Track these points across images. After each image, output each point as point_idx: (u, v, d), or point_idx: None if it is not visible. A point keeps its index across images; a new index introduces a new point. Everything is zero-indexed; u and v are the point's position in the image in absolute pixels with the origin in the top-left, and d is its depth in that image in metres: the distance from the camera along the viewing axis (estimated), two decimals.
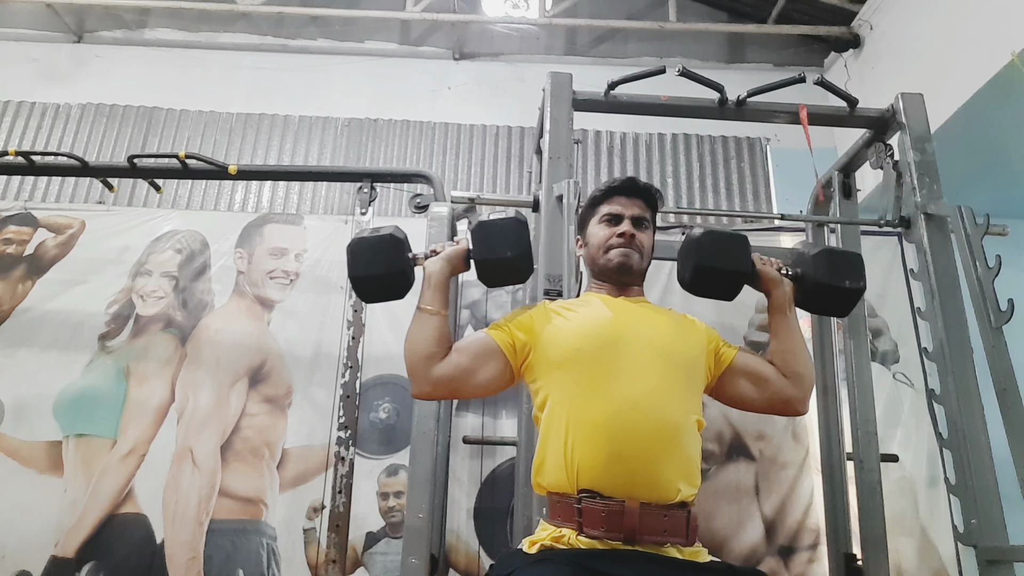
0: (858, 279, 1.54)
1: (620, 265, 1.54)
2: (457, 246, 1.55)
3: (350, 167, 4.03)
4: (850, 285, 1.53)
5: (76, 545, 2.95)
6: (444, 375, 1.43)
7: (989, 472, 1.99)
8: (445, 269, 1.51)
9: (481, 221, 1.56)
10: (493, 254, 1.52)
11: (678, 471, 1.34)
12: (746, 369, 1.52)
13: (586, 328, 1.46)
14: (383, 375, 3.27)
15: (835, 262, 1.55)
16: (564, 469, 1.34)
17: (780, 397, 1.51)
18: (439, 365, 1.43)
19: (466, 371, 1.44)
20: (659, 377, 1.39)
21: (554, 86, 2.38)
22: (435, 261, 1.52)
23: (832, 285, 1.53)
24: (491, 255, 1.52)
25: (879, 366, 3.24)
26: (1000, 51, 3.08)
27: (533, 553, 1.32)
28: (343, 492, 2.34)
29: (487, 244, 1.52)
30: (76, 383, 3.21)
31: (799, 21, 4.69)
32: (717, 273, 1.55)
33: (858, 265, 1.56)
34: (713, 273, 1.55)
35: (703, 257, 1.54)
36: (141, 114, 4.46)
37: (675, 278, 1.68)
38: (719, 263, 1.54)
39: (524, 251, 1.52)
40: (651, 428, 1.33)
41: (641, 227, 1.58)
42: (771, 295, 1.56)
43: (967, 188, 3.42)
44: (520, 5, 4.87)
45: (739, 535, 3.03)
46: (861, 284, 1.54)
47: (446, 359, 1.44)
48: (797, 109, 2.48)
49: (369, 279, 1.53)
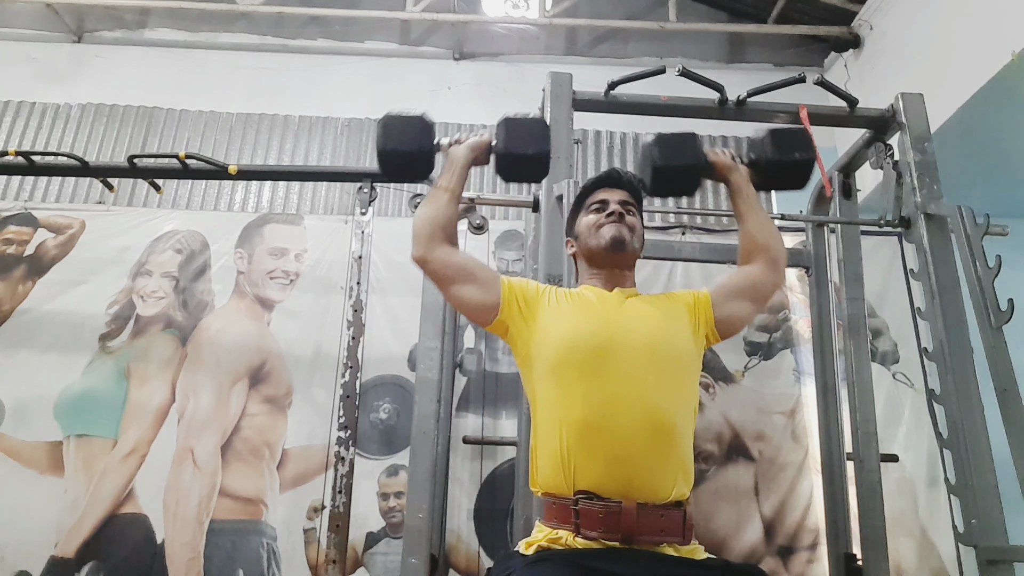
0: (807, 150, 1.66)
1: (613, 239, 1.54)
2: (481, 137, 1.64)
3: (350, 167, 4.02)
4: (800, 156, 1.66)
5: (76, 545, 2.95)
6: (440, 257, 1.53)
7: (989, 472, 1.99)
8: (468, 156, 1.62)
9: (508, 117, 1.66)
10: (516, 148, 1.62)
11: (674, 471, 1.34)
12: (726, 295, 1.57)
13: (579, 327, 1.45)
14: (383, 375, 3.27)
15: (782, 138, 1.67)
16: (561, 471, 1.34)
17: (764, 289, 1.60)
18: (442, 245, 1.54)
19: (459, 271, 1.53)
20: (653, 376, 1.39)
21: (554, 86, 2.38)
22: (459, 148, 1.62)
23: (784, 160, 1.66)
24: (513, 149, 1.62)
25: (879, 366, 3.25)
26: (1000, 51, 3.07)
27: (530, 555, 1.32)
28: (343, 492, 2.34)
29: (510, 138, 1.62)
30: (77, 383, 3.22)
31: (799, 21, 4.69)
32: (673, 170, 1.65)
33: (805, 138, 1.69)
34: (669, 171, 1.65)
35: (657, 158, 1.64)
36: (141, 114, 4.45)
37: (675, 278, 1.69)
38: (673, 160, 1.65)
39: (544, 151, 1.63)
40: (647, 429, 1.33)
41: (628, 211, 1.58)
42: (728, 181, 1.66)
43: (967, 188, 3.41)
44: (520, 5, 4.86)
45: (739, 535, 3.03)
46: (811, 154, 1.67)
47: (451, 248, 1.55)
48: (797, 109, 2.48)
49: (396, 154, 1.63)
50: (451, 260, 1.54)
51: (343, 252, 3.29)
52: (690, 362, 1.48)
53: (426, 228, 1.54)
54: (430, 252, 1.53)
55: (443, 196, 1.57)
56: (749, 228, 1.62)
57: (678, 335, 1.48)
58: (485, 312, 1.52)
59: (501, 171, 1.68)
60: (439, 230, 1.54)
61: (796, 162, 1.66)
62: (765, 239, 1.61)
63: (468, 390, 3.27)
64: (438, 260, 1.53)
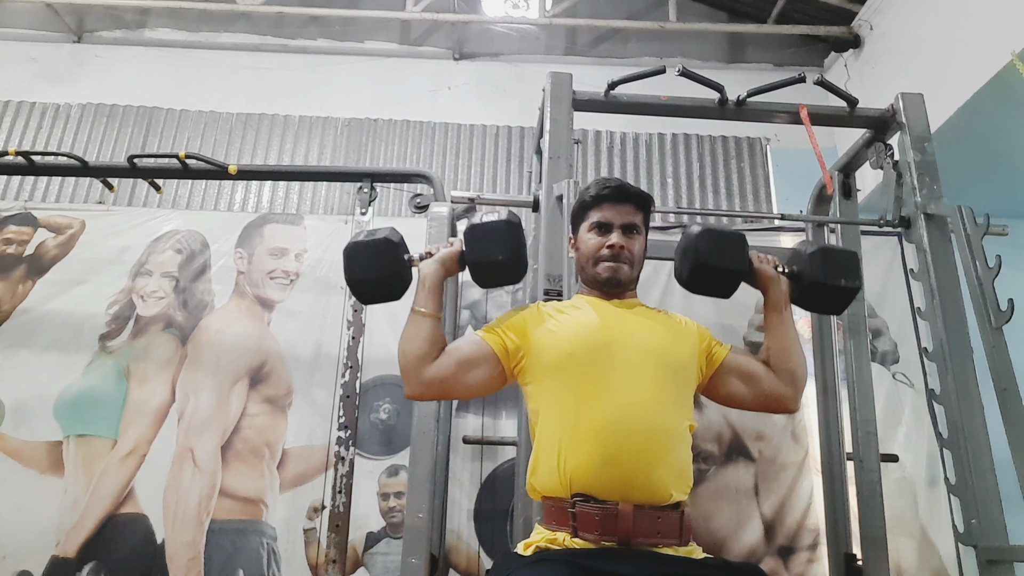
0: (854, 278, 1.55)
1: (608, 280, 1.53)
2: (451, 248, 1.55)
3: (350, 167, 4.03)
4: (846, 284, 1.54)
5: (77, 545, 2.95)
6: (436, 376, 1.44)
7: (989, 472, 1.99)
8: (439, 272, 1.52)
9: (473, 224, 1.55)
10: (485, 256, 1.52)
11: (670, 474, 1.34)
12: (738, 368, 1.52)
13: (577, 333, 1.45)
14: (383, 375, 3.27)
15: (831, 260, 1.56)
16: (557, 474, 1.34)
17: (772, 395, 1.51)
18: (431, 366, 1.44)
19: (457, 373, 1.45)
20: (650, 382, 1.39)
21: (554, 86, 2.38)
22: (429, 263, 1.53)
23: (828, 284, 1.55)
24: (483, 258, 1.52)
25: (879, 366, 3.24)
26: (1000, 51, 3.07)
27: (528, 555, 1.32)
28: (343, 492, 2.34)
29: (479, 246, 1.52)
30: (76, 383, 3.22)
31: (799, 21, 4.69)
32: (715, 271, 1.55)
33: (854, 263, 1.58)
34: (711, 271, 1.55)
35: (701, 255, 1.54)
36: (141, 114, 4.45)
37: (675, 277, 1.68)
38: (717, 261, 1.54)
39: (516, 253, 1.52)
40: (643, 432, 1.34)
41: (631, 235, 1.55)
42: (767, 293, 1.57)
43: (967, 188, 3.42)
44: (520, 5, 4.86)
45: (738, 535, 3.03)
46: (857, 283, 1.56)
47: (438, 360, 1.44)
48: (797, 109, 2.48)
49: (365, 283, 1.54)
50: (445, 375, 1.44)
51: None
52: (688, 376, 1.48)
53: (412, 364, 1.44)
54: (424, 385, 1.44)
55: (424, 322, 1.46)
56: (779, 348, 1.53)
57: (679, 349, 1.48)
58: (500, 379, 1.49)
59: (476, 279, 1.58)
60: (426, 356, 1.44)
61: (841, 289, 1.55)
62: (793, 364, 1.52)
63: None
64: (435, 386, 1.45)
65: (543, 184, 2.23)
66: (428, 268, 1.52)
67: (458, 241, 1.56)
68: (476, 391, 1.49)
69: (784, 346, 1.53)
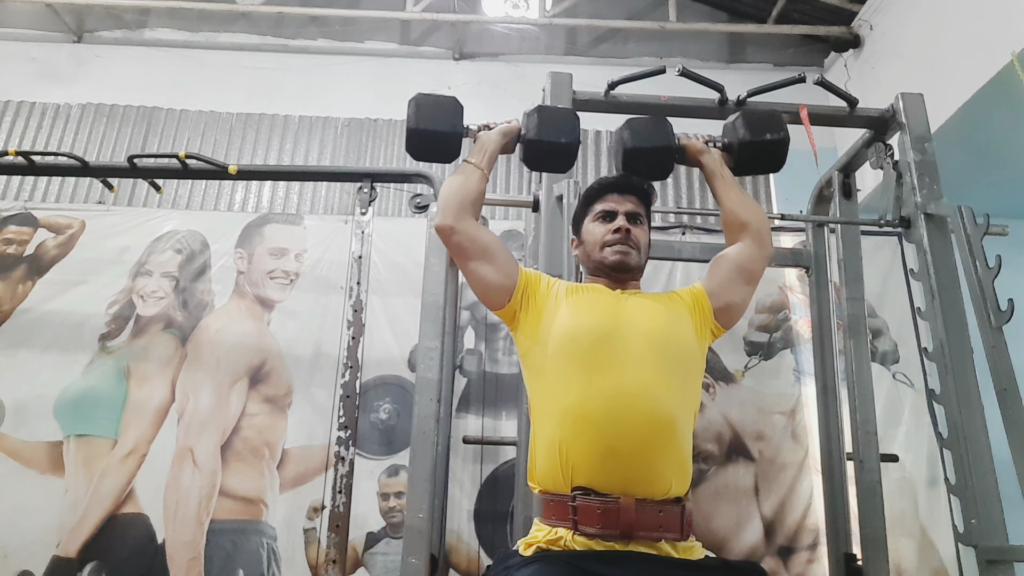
0: (778, 130, 1.68)
1: (617, 263, 1.54)
2: (511, 124, 1.66)
3: (350, 167, 4.03)
4: (771, 137, 1.67)
5: (78, 545, 2.95)
6: (468, 228, 1.52)
7: (989, 472, 1.98)
8: (499, 141, 1.64)
9: (540, 106, 1.67)
10: (548, 136, 1.63)
11: (672, 466, 1.34)
12: (720, 282, 1.58)
13: (582, 318, 1.45)
14: (383, 375, 3.27)
15: (754, 121, 1.69)
16: (558, 467, 1.34)
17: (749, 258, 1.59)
18: (470, 218, 1.53)
19: (482, 246, 1.52)
20: (654, 370, 1.38)
21: (554, 86, 2.38)
22: (490, 133, 1.65)
23: (755, 140, 1.68)
24: (544, 137, 1.63)
25: (879, 366, 3.25)
26: (1000, 51, 3.07)
27: (528, 555, 1.32)
28: (343, 492, 2.33)
29: (542, 127, 1.63)
30: (76, 383, 3.22)
31: (799, 21, 4.69)
32: (645, 152, 1.67)
33: (776, 119, 1.70)
34: (641, 152, 1.67)
35: (628, 139, 1.66)
36: (141, 114, 4.45)
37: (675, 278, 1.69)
38: (645, 143, 1.66)
39: (574, 141, 1.64)
40: (646, 423, 1.33)
41: (636, 223, 1.57)
42: (702, 163, 1.69)
43: (967, 188, 3.42)
44: (520, 5, 4.86)
45: (739, 535, 3.03)
46: (783, 135, 1.68)
47: (479, 225, 1.55)
48: (797, 109, 2.47)
49: (427, 133, 1.66)
50: (477, 235, 1.52)
51: (343, 252, 3.29)
52: (692, 360, 1.48)
53: (456, 199, 1.53)
54: (458, 222, 1.51)
55: (474, 172, 1.57)
56: (729, 206, 1.64)
57: (680, 332, 1.48)
58: (500, 295, 1.51)
59: (528, 159, 1.68)
60: (468, 204, 1.54)
61: (769, 143, 1.67)
62: (746, 215, 1.62)
63: (468, 391, 3.27)
64: (465, 232, 1.51)
65: (543, 184, 2.23)
66: (488, 135, 1.65)
67: (517, 121, 1.68)
68: (477, 276, 1.53)
69: (734, 200, 1.64)
